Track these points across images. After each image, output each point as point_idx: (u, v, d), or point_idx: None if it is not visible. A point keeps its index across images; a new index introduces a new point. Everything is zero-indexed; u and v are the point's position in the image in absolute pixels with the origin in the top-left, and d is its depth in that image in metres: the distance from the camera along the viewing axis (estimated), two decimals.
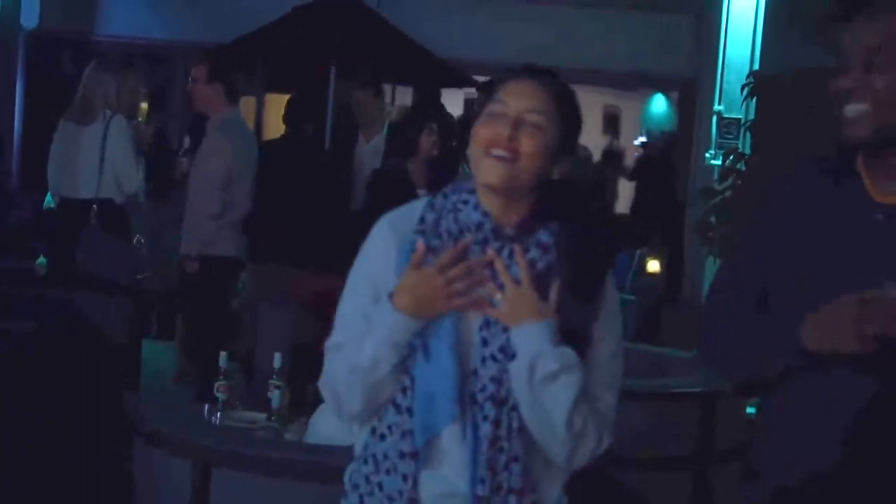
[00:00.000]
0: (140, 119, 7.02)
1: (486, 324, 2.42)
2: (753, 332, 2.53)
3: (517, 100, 2.44)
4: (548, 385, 2.36)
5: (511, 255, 2.44)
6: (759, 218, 2.62)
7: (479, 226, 2.45)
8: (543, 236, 2.46)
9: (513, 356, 2.39)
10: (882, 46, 2.38)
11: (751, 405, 4.74)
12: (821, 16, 2.53)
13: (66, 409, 5.24)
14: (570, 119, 2.48)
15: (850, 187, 2.48)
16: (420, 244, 2.41)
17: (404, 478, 2.42)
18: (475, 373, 2.41)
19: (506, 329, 2.41)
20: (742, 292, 2.59)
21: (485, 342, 2.42)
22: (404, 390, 2.42)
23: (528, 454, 2.42)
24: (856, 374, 2.39)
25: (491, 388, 2.40)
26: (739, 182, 6.22)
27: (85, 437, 5.21)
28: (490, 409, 2.40)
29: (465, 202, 2.47)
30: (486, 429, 2.39)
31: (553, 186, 2.49)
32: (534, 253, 2.45)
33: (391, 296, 2.40)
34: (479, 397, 2.40)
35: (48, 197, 7.45)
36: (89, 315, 5.85)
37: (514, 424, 2.41)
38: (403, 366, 2.41)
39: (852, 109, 2.41)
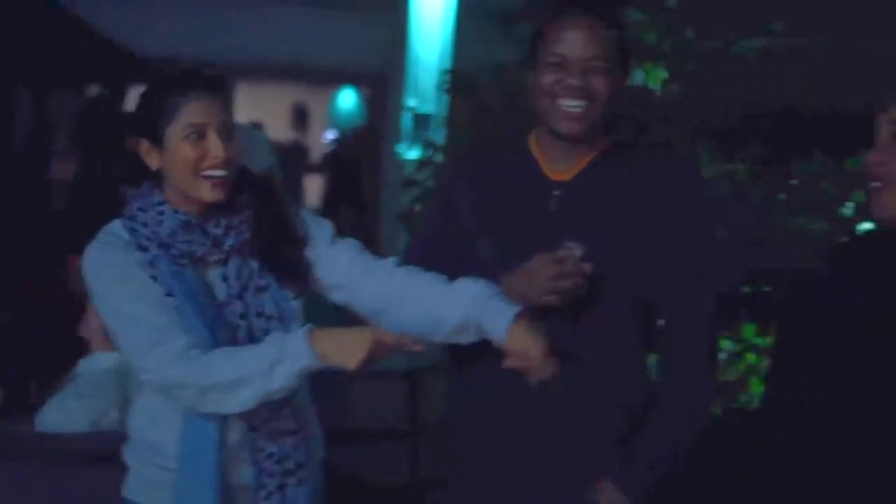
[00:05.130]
0: None
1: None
2: None
3: (210, 113, 2.48)
4: None
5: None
6: (443, 201, 2.82)
7: (186, 225, 2.51)
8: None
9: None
10: (600, 53, 2.63)
11: None
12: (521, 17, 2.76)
13: None
14: None
15: (526, 168, 2.73)
16: None
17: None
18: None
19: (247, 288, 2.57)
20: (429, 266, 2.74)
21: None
22: None
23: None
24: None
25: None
26: (438, 172, 6.43)
27: None
28: None
29: (162, 213, 2.52)
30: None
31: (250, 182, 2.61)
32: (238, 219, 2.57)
33: (311, 334, 2.45)
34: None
35: None
36: None
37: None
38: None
39: (571, 104, 2.64)
